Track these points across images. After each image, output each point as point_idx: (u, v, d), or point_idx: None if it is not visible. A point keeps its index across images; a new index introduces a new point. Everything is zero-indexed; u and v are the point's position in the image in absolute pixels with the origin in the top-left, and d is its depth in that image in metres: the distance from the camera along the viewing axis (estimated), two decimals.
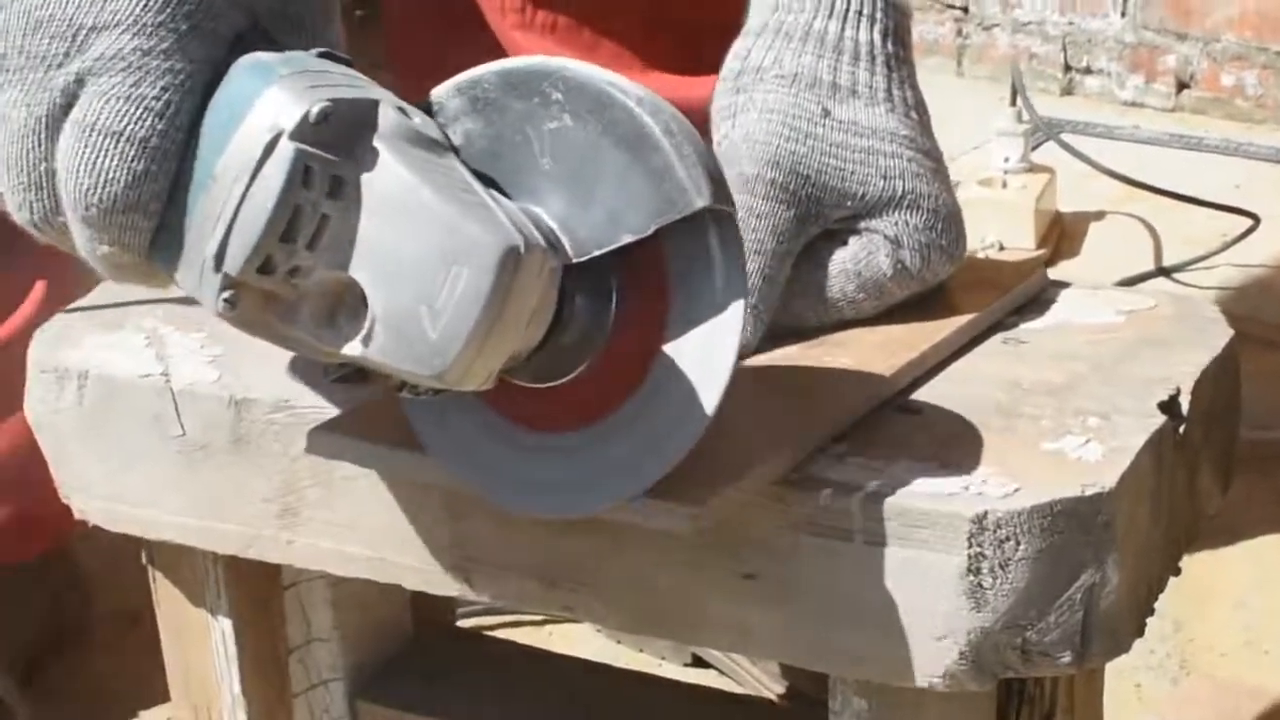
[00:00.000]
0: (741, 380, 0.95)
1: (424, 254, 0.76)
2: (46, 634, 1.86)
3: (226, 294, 0.78)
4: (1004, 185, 2.76)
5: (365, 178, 0.78)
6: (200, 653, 1.13)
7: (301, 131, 0.77)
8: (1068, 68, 3.45)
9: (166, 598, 1.13)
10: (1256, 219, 2.81)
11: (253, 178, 0.77)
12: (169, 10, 0.80)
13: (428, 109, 0.84)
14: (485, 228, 0.76)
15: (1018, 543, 0.84)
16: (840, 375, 0.95)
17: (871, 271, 1.00)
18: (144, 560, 1.12)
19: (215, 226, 0.78)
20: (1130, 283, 2.62)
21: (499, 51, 1.64)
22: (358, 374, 0.85)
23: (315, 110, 0.77)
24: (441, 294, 0.76)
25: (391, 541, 0.98)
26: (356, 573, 1.00)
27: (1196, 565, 0.98)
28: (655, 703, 1.17)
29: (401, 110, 0.80)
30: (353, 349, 0.79)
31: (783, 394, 0.93)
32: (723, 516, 0.85)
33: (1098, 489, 0.85)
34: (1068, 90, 3.45)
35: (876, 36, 1.02)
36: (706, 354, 0.82)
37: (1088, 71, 3.44)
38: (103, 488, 1.05)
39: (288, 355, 1.01)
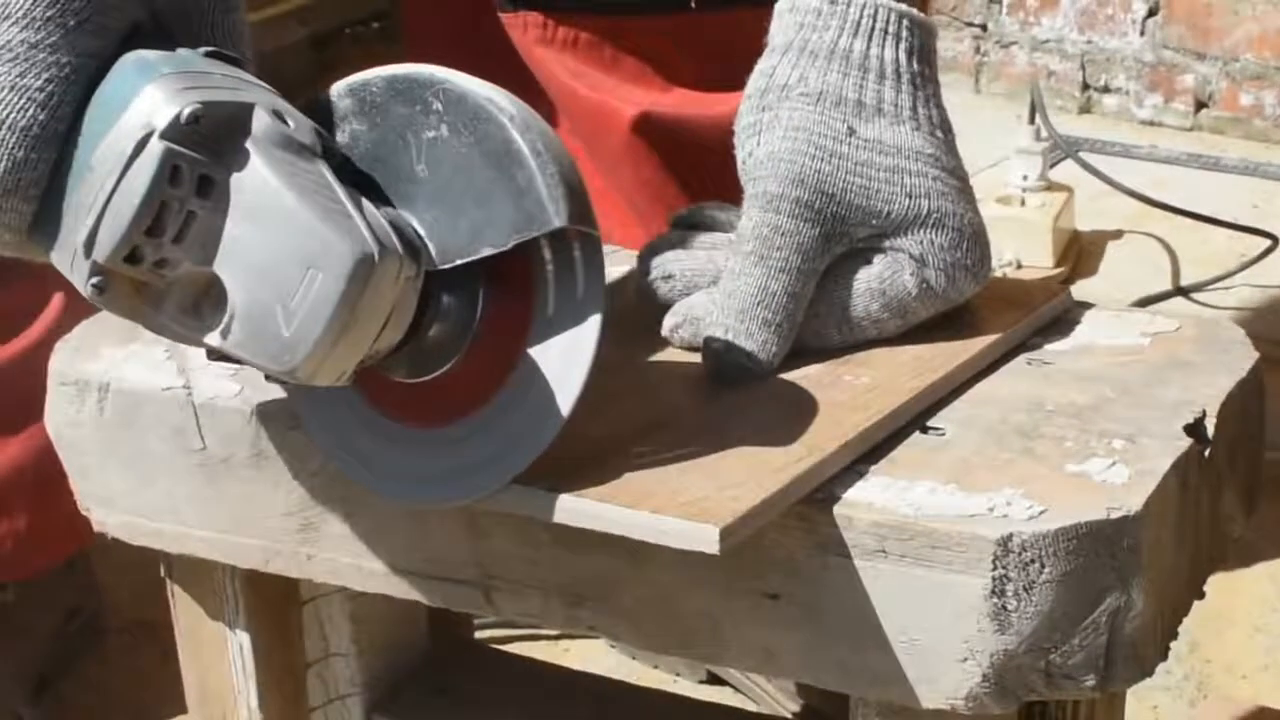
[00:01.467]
0: (766, 398, 0.95)
1: (283, 256, 0.80)
2: (63, 646, 1.85)
3: (95, 279, 0.82)
4: (1022, 203, 2.76)
5: (234, 178, 0.81)
6: (217, 666, 1.12)
7: (172, 131, 0.81)
8: (1086, 86, 3.45)
9: (185, 611, 1.12)
10: (1275, 239, 2.81)
11: (123, 172, 0.81)
12: (59, 5, 0.83)
13: (325, 105, 0.88)
14: (341, 235, 0.80)
15: (1042, 565, 0.84)
16: (864, 395, 0.94)
17: (896, 290, 0.99)
18: (162, 573, 1.12)
19: (87, 215, 0.82)
20: (1148, 302, 2.61)
21: (519, 64, 1.63)
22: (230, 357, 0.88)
23: (187, 111, 0.81)
24: (296, 295, 0.80)
25: (412, 557, 0.97)
26: (376, 588, 1.00)
27: (1214, 586, 0.97)
28: (672, 719, 1.17)
29: (278, 114, 0.83)
30: (213, 339, 0.83)
31: (806, 413, 0.93)
32: (747, 537, 0.84)
33: (1123, 512, 0.85)
34: (1085, 109, 3.45)
35: (902, 55, 1.01)
36: (566, 360, 0.85)
37: (1106, 90, 3.43)
38: (122, 500, 1.05)
39: None
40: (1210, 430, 0.92)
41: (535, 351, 0.86)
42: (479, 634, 1.72)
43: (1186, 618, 0.94)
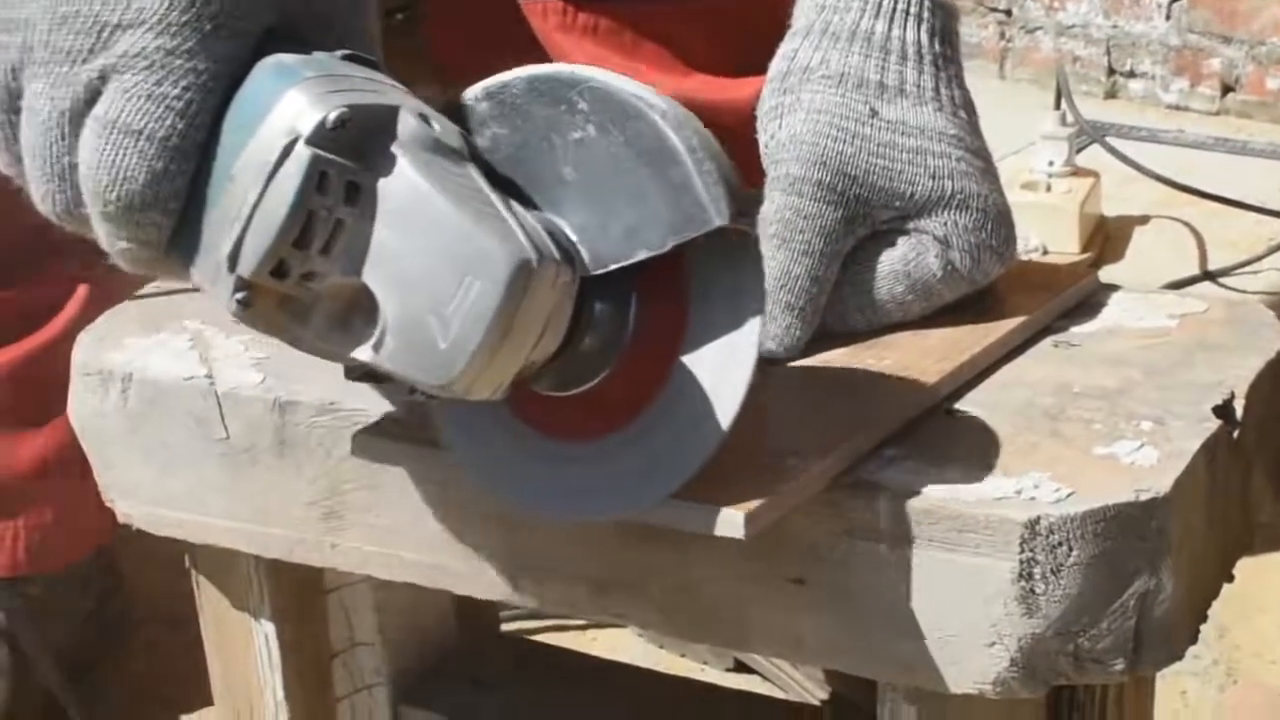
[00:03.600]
0: (790, 383, 0.94)
1: (437, 263, 0.76)
2: (89, 638, 1.85)
3: (240, 295, 0.78)
4: (1048, 189, 2.74)
5: (381, 184, 0.77)
6: (243, 657, 1.12)
7: (318, 137, 0.77)
8: (1111, 71, 3.43)
9: (209, 601, 1.12)
10: None
11: (268, 181, 0.77)
12: (194, 10, 0.80)
13: (459, 110, 0.83)
14: (499, 240, 0.76)
15: (1070, 548, 0.83)
16: (889, 378, 0.94)
17: (921, 273, 0.99)
18: (187, 564, 1.12)
19: (231, 228, 0.78)
20: (1175, 287, 2.60)
21: (540, 55, 1.63)
22: (374, 374, 0.84)
23: (333, 115, 0.77)
24: (452, 304, 0.76)
25: (439, 546, 0.97)
26: (402, 577, 0.99)
27: (1243, 570, 0.97)
28: (699, 708, 1.17)
29: (423, 117, 0.80)
30: (363, 354, 0.79)
31: (831, 397, 0.93)
32: (773, 522, 0.84)
33: (1152, 494, 0.84)
34: (1111, 94, 3.43)
35: (924, 36, 1.01)
36: (723, 368, 0.81)
37: (1131, 75, 3.42)
38: (146, 491, 1.05)
39: None
40: (1239, 412, 0.92)
41: (691, 358, 0.82)
42: (505, 627, 1.72)
43: (1215, 602, 0.94)
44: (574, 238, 0.82)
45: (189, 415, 1.01)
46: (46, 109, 0.81)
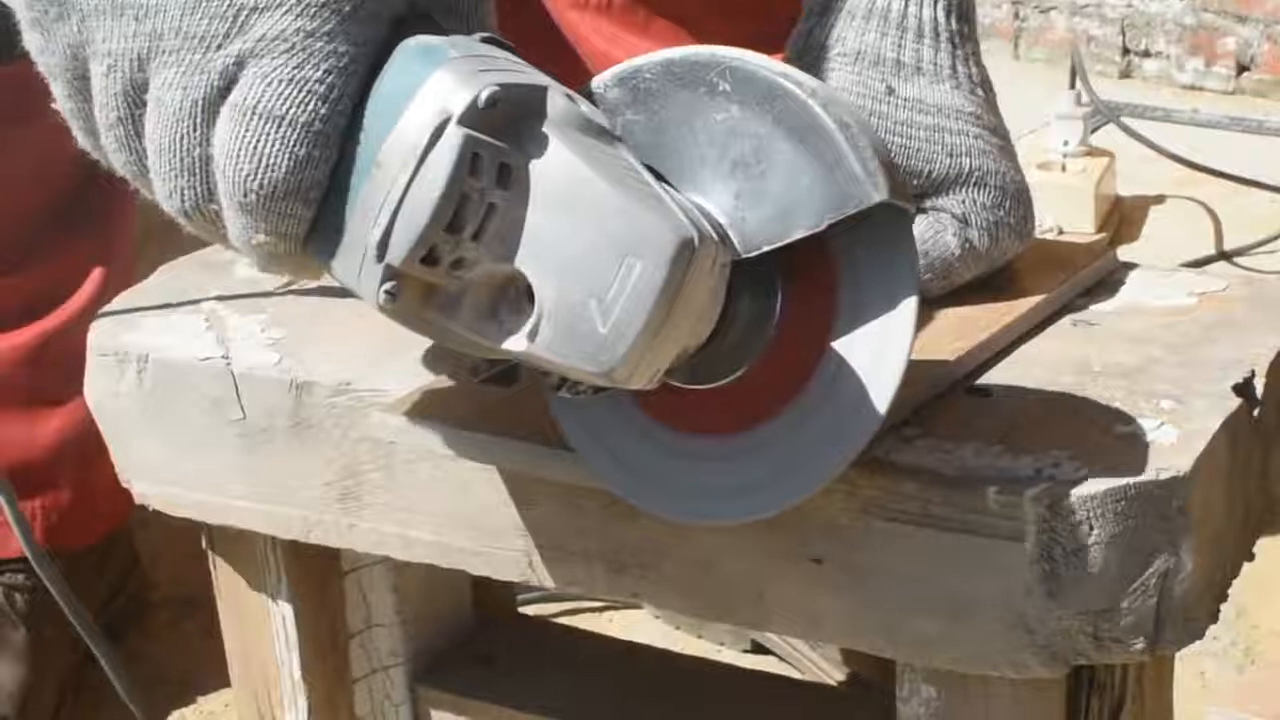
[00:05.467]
0: None
1: (596, 245, 0.73)
2: (106, 618, 1.86)
3: (388, 285, 0.75)
4: (1063, 169, 2.74)
5: (534, 166, 0.75)
6: (260, 637, 1.12)
7: (470, 116, 0.74)
8: (1126, 51, 3.42)
9: (226, 583, 1.12)
10: None
11: (419, 164, 0.74)
12: None
13: (589, 99, 0.81)
14: (661, 218, 0.73)
15: (1091, 527, 0.83)
16: None
17: (939, 251, 0.98)
18: (204, 545, 1.12)
19: (379, 215, 0.75)
20: (1191, 266, 2.60)
21: (558, 38, 1.63)
22: (505, 376, 0.82)
23: (485, 94, 0.74)
24: (613, 287, 0.73)
25: (455, 526, 0.97)
26: (419, 558, 0.99)
27: (1262, 551, 0.96)
28: (717, 688, 1.17)
29: (569, 98, 0.77)
30: (516, 344, 0.76)
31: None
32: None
33: (1173, 473, 0.83)
34: (1126, 73, 3.42)
35: (940, 13, 1.00)
36: (878, 353, 0.79)
37: (1146, 54, 3.41)
38: (163, 472, 1.05)
39: (348, 339, 1.00)
40: (1259, 390, 0.91)
41: (842, 344, 0.80)
42: (522, 608, 1.72)
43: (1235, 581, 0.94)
44: (722, 221, 0.79)
45: (205, 396, 1.01)
46: (178, 99, 0.78)
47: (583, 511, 0.92)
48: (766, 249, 0.78)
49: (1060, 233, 2.63)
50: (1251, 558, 0.95)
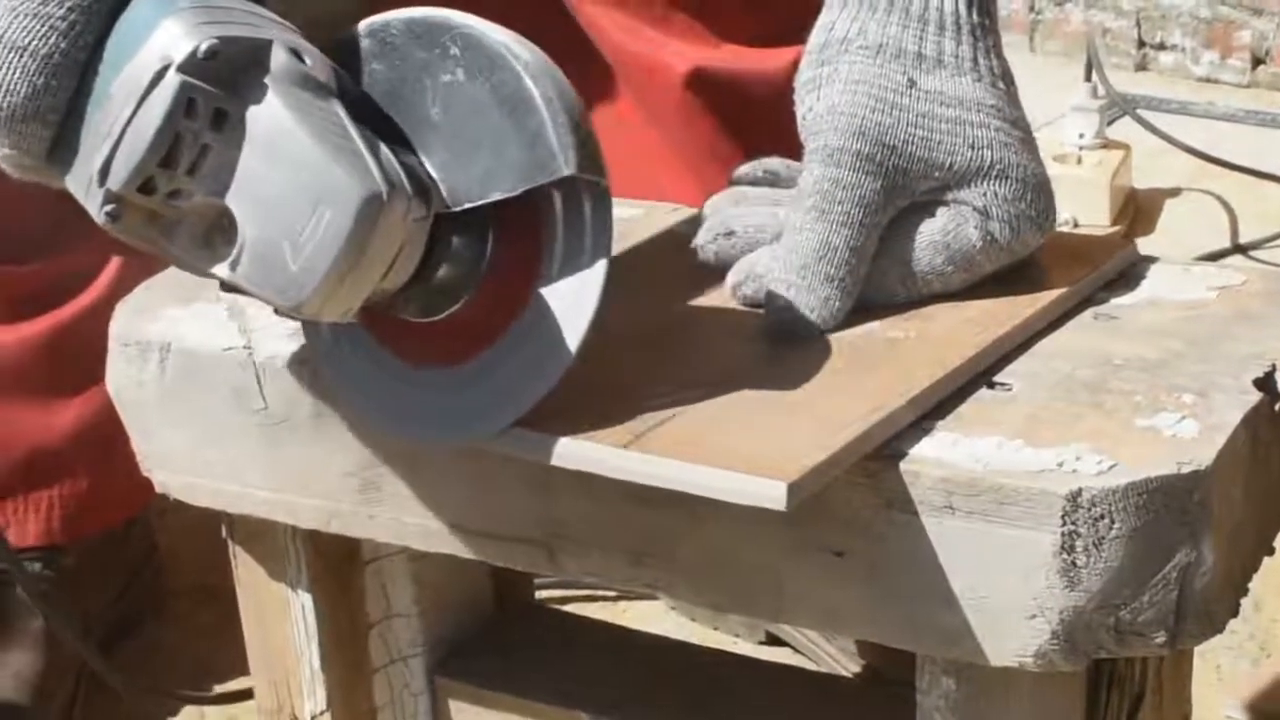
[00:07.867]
0: (829, 355, 0.94)
1: (293, 192, 0.82)
2: (124, 607, 1.86)
3: (109, 208, 0.84)
4: (1079, 161, 2.74)
5: (250, 113, 0.83)
6: (280, 627, 1.12)
7: (189, 65, 0.82)
8: (1141, 43, 3.42)
9: (246, 572, 1.13)
10: None
11: (140, 102, 0.82)
12: None
13: (350, 45, 0.89)
14: (351, 173, 0.81)
15: (1112, 521, 0.83)
16: (929, 350, 0.93)
17: (960, 243, 0.98)
18: (224, 534, 1.12)
19: (103, 144, 0.83)
20: (1206, 260, 2.59)
21: (576, 31, 1.62)
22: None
23: (204, 46, 0.82)
24: (306, 231, 0.82)
25: (475, 516, 0.97)
26: (439, 548, 1.00)
27: (1279, 544, 0.97)
28: (733, 680, 1.17)
29: (295, 53, 0.85)
30: (222, 271, 0.84)
31: (871, 369, 0.92)
32: (814, 493, 0.83)
33: (1194, 466, 0.83)
34: (1141, 66, 3.42)
35: (961, 6, 1.00)
36: (573, 303, 0.87)
37: (1162, 47, 3.40)
38: (183, 461, 1.05)
39: None
40: None
41: (544, 292, 0.87)
42: (538, 595, 1.72)
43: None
44: (435, 175, 0.87)
45: (227, 385, 1.01)
46: None
47: (602, 503, 0.92)
48: (469, 206, 0.87)
49: (1076, 225, 2.63)
50: (1271, 551, 0.95)
